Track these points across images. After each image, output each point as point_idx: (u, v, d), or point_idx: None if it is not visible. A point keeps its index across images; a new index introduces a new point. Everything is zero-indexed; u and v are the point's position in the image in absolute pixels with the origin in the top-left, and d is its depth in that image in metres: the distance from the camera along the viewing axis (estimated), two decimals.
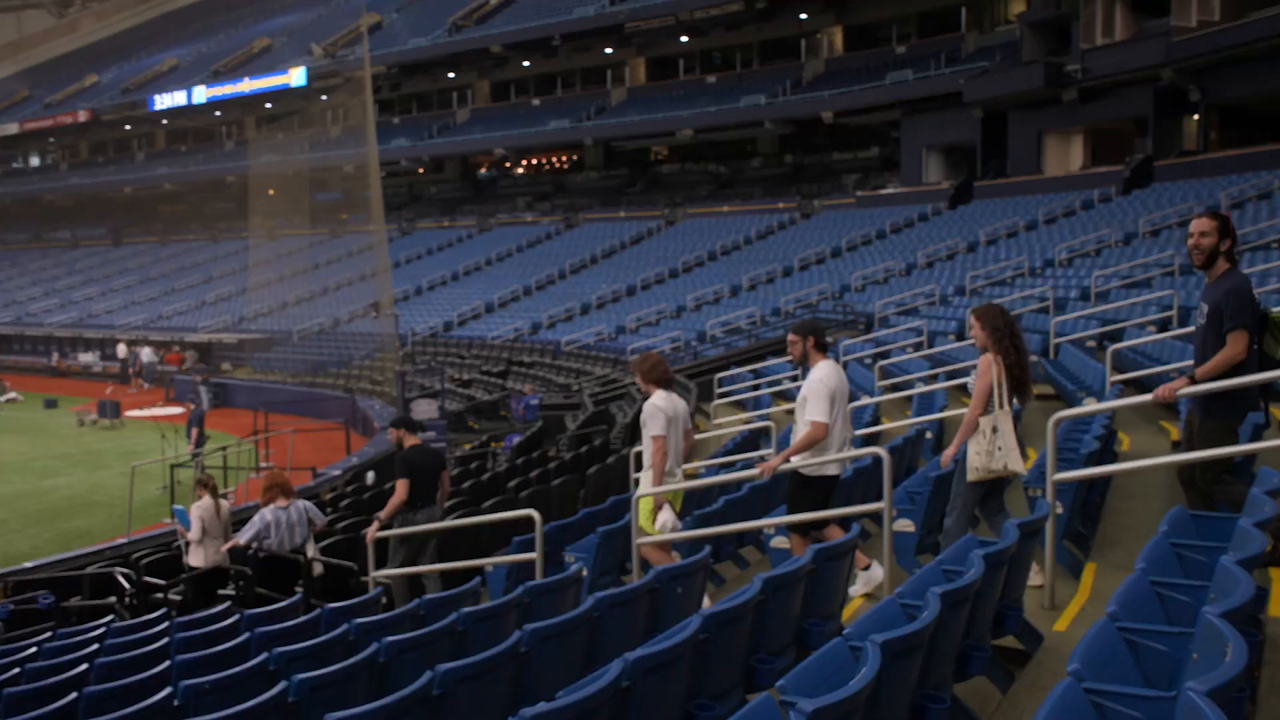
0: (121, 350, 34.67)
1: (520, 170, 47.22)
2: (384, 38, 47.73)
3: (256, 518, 8.28)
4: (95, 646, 6.32)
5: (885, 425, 10.89)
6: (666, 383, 6.32)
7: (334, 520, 10.72)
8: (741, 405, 15.52)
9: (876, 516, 5.45)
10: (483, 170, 48.45)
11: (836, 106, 32.48)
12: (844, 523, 5.65)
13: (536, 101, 43.97)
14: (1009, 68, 27.95)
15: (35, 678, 5.77)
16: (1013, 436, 5.10)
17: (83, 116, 55.12)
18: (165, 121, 55.20)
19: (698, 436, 13.27)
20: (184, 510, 9.34)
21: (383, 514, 8.03)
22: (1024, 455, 5.34)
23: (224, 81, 51.38)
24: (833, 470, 5.73)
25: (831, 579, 4.39)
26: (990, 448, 5.07)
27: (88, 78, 60.54)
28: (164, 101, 52.44)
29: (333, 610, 6.05)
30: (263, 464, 19.87)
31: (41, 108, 58.84)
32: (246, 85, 49.73)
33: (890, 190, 32.14)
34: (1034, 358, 12.85)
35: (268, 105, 51.10)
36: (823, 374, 5.71)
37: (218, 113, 52.73)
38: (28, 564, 11.64)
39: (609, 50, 40.87)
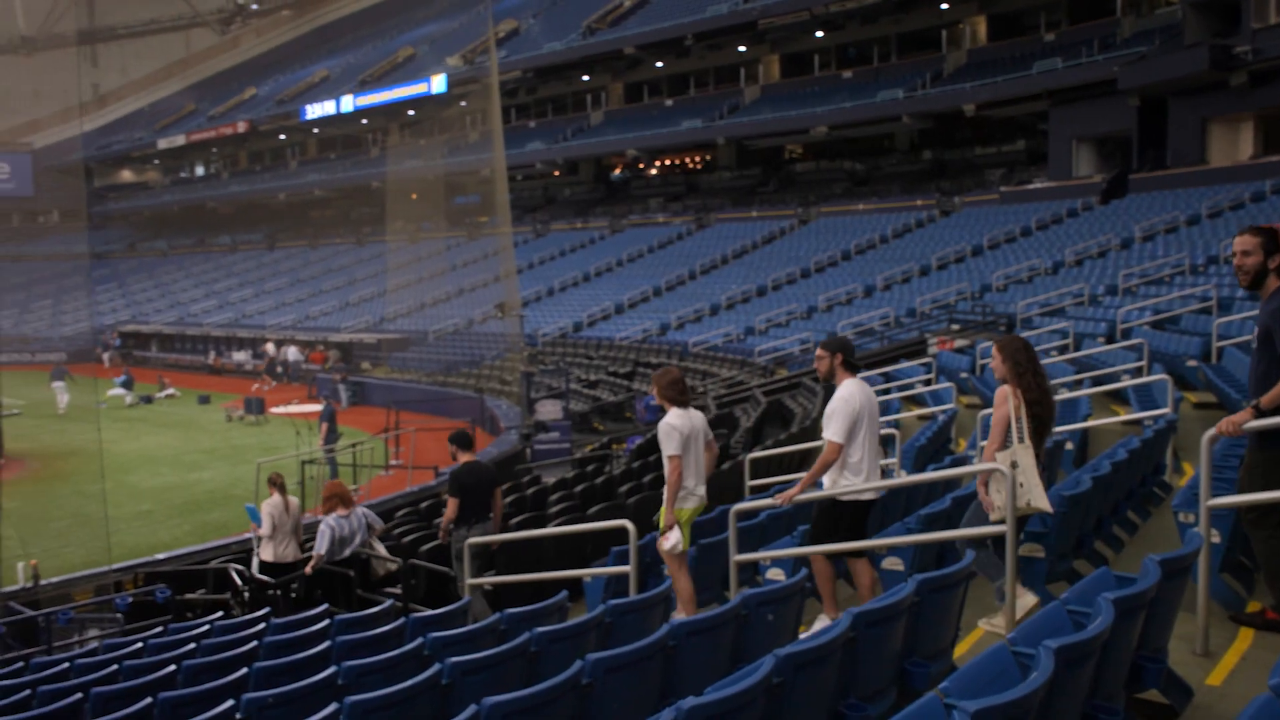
0: (270, 349, 36.21)
1: (653, 171, 47.15)
2: (521, 43, 48.51)
3: (323, 526, 8.62)
4: (191, 646, 6.32)
5: None
6: (683, 400, 6.18)
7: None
8: None
9: (998, 539, 4.85)
10: (616, 172, 48.64)
11: (979, 99, 31.05)
12: (942, 552, 5.09)
13: (669, 102, 43.80)
14: (1169, 51, 26.07)
15: (133, 675, 5.83)
16: (1035, 472, 4.74)
17: (242, 127, 58.07)
18: (316, 130, 57.61)
19: (822, 443, 12.73)
20: (255, 508, 9.67)
21: (440, 533, 8.14)
22: (1048, 490, 4.89)
23: (370, 90, 53.18)
24: (868, 496, 5.50)
25: (939, 612, 3.88)
26: (1014, 486, 4.72)
27: (247, 90, 63.81)
28: (314, 111, 54.69)
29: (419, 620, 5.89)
30: (392, 461, 20.30)
31: (205, 120, 62.34)
32: (390, 94, 51.30)
33: (1037, 185, 30.51)
34: (1192, 363, 11.81)
35: (410, 112, 52.61)
36: (847, 393, 5.50)
37: (364, 121, 54.69)
38: (160, 555, 12.05)
39: (742, 48, 40.35)
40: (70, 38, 68.00)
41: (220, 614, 8.39)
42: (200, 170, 66.98)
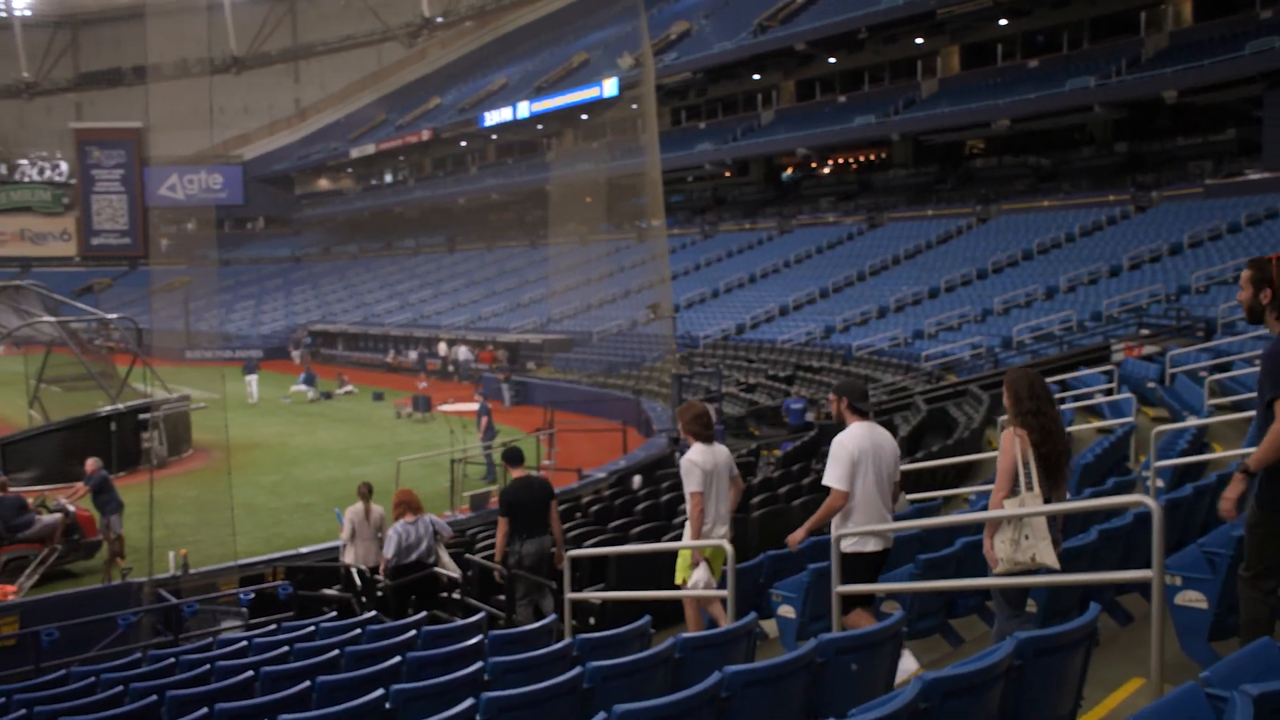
0: (442, 348, 37.33)
1: (825, 170, 45.96)
2: (692, 44, 48.32)
3: (391, 532, 8.95)
4: (283, 649, 6.22)
5: (1214, 454, 8.89)
6: (707, 436, 6.13)
7: (574, 527, 10.39)
8: None
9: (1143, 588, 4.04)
10: (787, 172, 47.70)
11: (1182, 84, 28.45)
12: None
13: (842, 98, 42.53)
14: None
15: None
16: (1043, 523, 4.40)
17: (426, 135, 60.47)
18: (494, 136, 59.32)
19: (981, 456, 11.73)
20: (342, 512, 9.85)
21: (496, 553, 8.11)
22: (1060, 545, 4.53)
23: (545, 96, 54.25)
24: (873, 546, 5.30)
25: (1051, 677, 3.17)
26: (1016, 536, 4.40)
27: (432, 100, 66.46)
28: (493, 118, 56.29)
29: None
30: (545, 461, 20.34)
31: (394, 129, 65.30)
32: (564, 99, 52.16)
33: (1251, 176, 27.67)
34: None
35: (584, 116, 53.33)
36: (847, 436, 5.34)
37: (539, 126, 55.88)
38: (303, 549, 12.32)
39: (919, 40, 38.68)
40: (275, 56, 72.79)
41: (334, 613, 8.37)
42: (389, 177, 70.20)
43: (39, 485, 17.90)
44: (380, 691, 4.29)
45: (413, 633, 6.09)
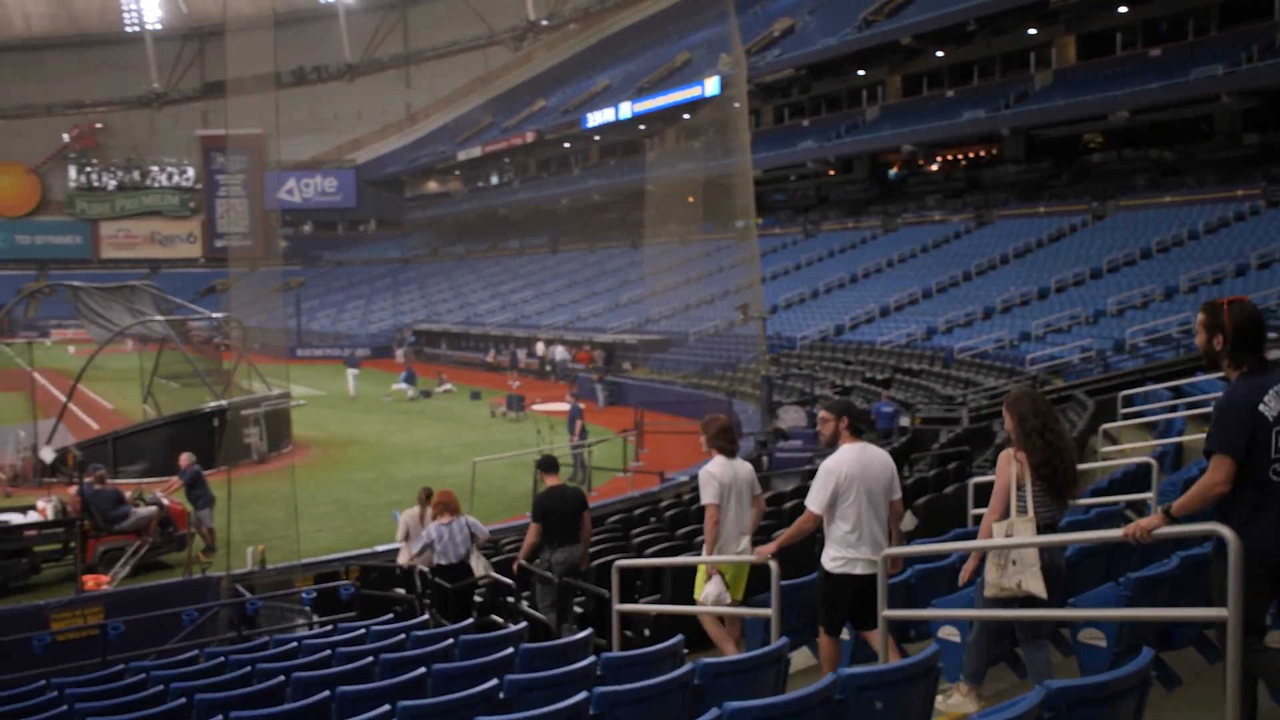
0: (540, 348, 37.58)
1: (933, 167, 44.62)
2: (795, 40, 47.56)
3: (424, 532, 9.15)
4: (326, 653, 6.12)
5: None
6: (730, 450, 6.17)
7: (645, 532, 10.13)
8: (1151, 428, 12.76)
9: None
10: (893, 170, 46.52)
11: None
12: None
13: (950, 93, 41.17)
14: None
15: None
16: (1032, 550, 4.26)
17: (530, 137, 61.15)
18: (597, 137, 59.57)
19: (1085, 466, 11.01)
20: (399, 514, 9.89)
21: (519, 557, 8.27)
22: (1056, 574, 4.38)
23: (647, 96, 54.20)
24: (859, 570, 5.15)
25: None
26: (1003, 560, 4.32)
27: (537, 102, 67.17)
28: (595, 119, 56.52)
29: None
30: (632, 462, 20.15)
31: (499, 132, 66.25)
32: (665, 98, 52.00)
33: None
34: None
35: (685, 116, 53.05)
36: (834, 459, 5.28)
37: (641, 126, 55.84)
38: (379, 548, 12.37)
39: (1032, 31, 37.13)
40: (387, 62, 74.69)
41: (390, 615, 8.30)
42: (494, 179, 71.26)
43: (146, 478, 18.55)
44: (494, 681, 4.37)
45: (449, 641, 5.92)
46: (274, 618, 9.84)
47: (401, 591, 10.29)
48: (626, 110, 54.36)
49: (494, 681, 4.39)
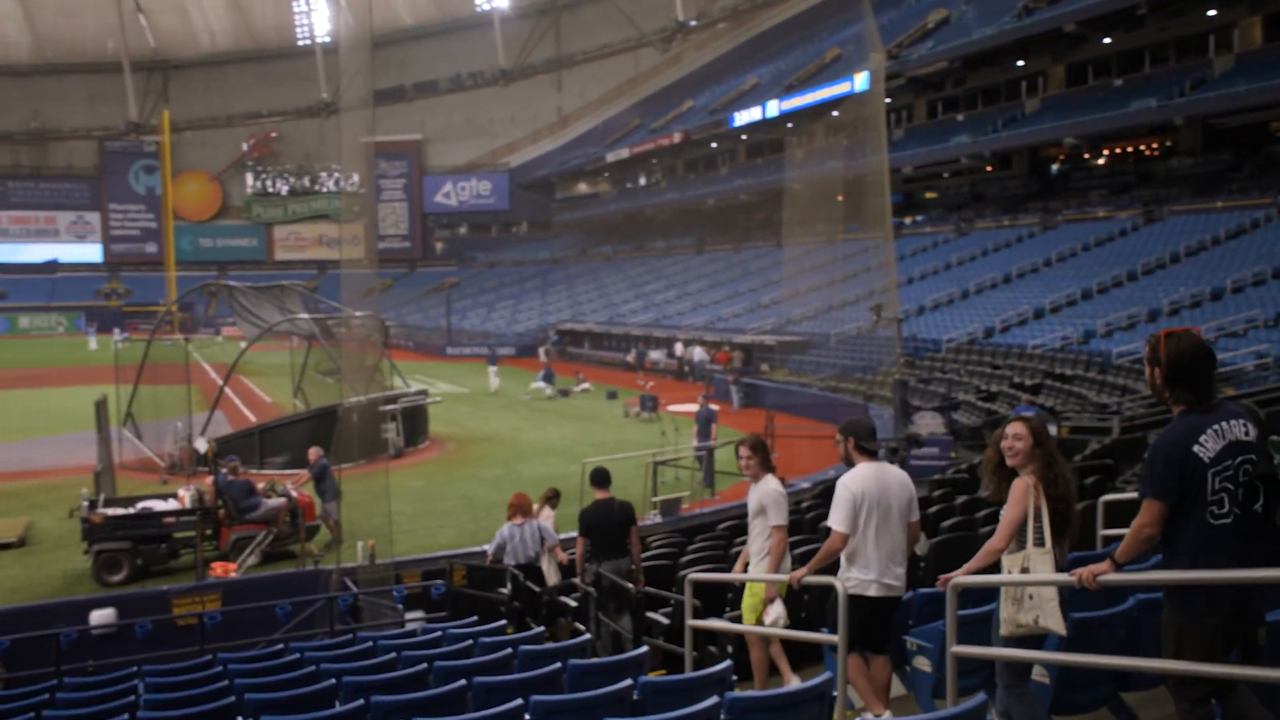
0: (678, 349, 37.37)
1: (1099, 161, 42.05)
2: (951, 31, 45.75)
3: (498, 533, 9.49)
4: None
5: None
6: (772, 466, 6.24)
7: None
8: None
9: None
10: (1055, 165, 44.11)
11: None
12: None
13: (1118, 82, 38.66)
14: None
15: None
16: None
17: (677, 138, 61.10)
18: (744, 137, 59.01)
19: None
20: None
21: (578, 570, 8.29)
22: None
23: (795, 94, 53.27)
24: (874, 592, 5.02)
25: None
26: (1019, 594, 4.15)
27: (685, 103, 67.12)
28: (742, 118, 55.97)
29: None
30: None
31: (647, 133, 66.52)
32: (813, 95, 50.97)
33: None
34: None
35: (834, 113, 51.84)
36: (850, 477, 5.19)
37: (789, 125, 54.93)
38: (483, 547, 12.33)
39: (1211, 12, 34.45)
40: (539, 67, 76.19)
41: (474, 617, 8.17)
42: (642, 180, 71.62)
43: (288, 470, 19.28)
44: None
45: (508, 651, 5.68)
46: (376, 613, 9.90)
47: (505, 591, 10.22)
48: (774, 109, 53.60)
49: (517, 702, 4.12)
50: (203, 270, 76.19)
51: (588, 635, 6.67)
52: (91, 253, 79.59)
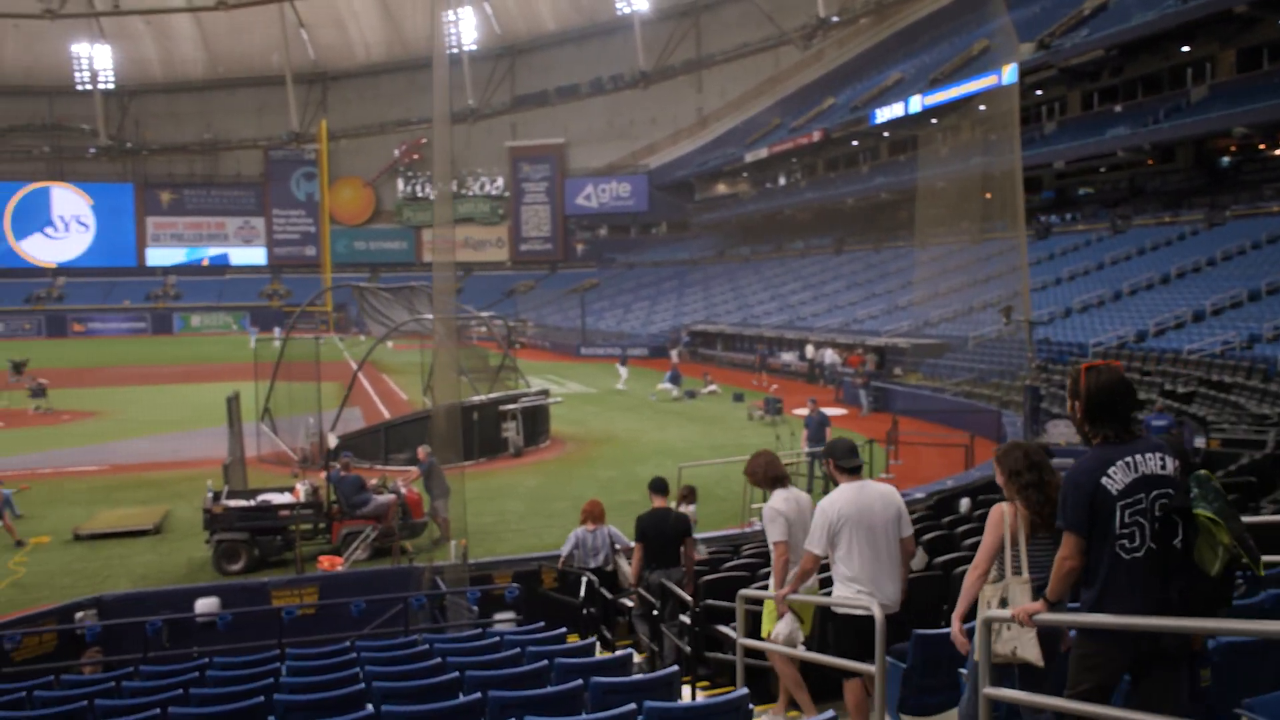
0: (809, 351, 36.57)
1: (1277, 152, 38.89)
2: (1108, 18, 43.25)
3: (570, 536, 9.70)
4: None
5: None
6: (782, 481, 6.10)
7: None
8: None
9: None
10: (1225, 156, 41.07)
11: None
12: None
13: None
14: None
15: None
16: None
17: (816, 136, 60.02)
18: (886, 134, 57.43)
19: None
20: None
21: (632, 577, 8.35)
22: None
23: (939, 88, 51.49)
24: (860, 610, 4.99)
25: None
26: (997, 625, 4.06)
27: (826, 100, 65.86)
28: (883, 115, 54.53)
29: None
30: (883, 474, 18.91)
31: (787, 132, 65.60)
32: (958, 89, 49.14)
33: None
34: None
35: (981, 107, 49.84)
36: (828, 499, 5.24)
37: (933, 120, 53.12)
38: (547, 554, 12.20)
39: None
40: (679, 68, 76.22)
41: (541, 622, 8.01)
42: (782, 180, 70.68)
43: (411, 466, 19.72)
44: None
45: (544, 663, 5.48)
46: (459, 613, 9.89)
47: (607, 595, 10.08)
48: (916, 104, 51.97)
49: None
50: (356, 272, 79.57)
51: (629, 650, 6.40)
52: (257, 255, 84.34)
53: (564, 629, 7.32)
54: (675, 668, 5.31)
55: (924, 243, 49.80)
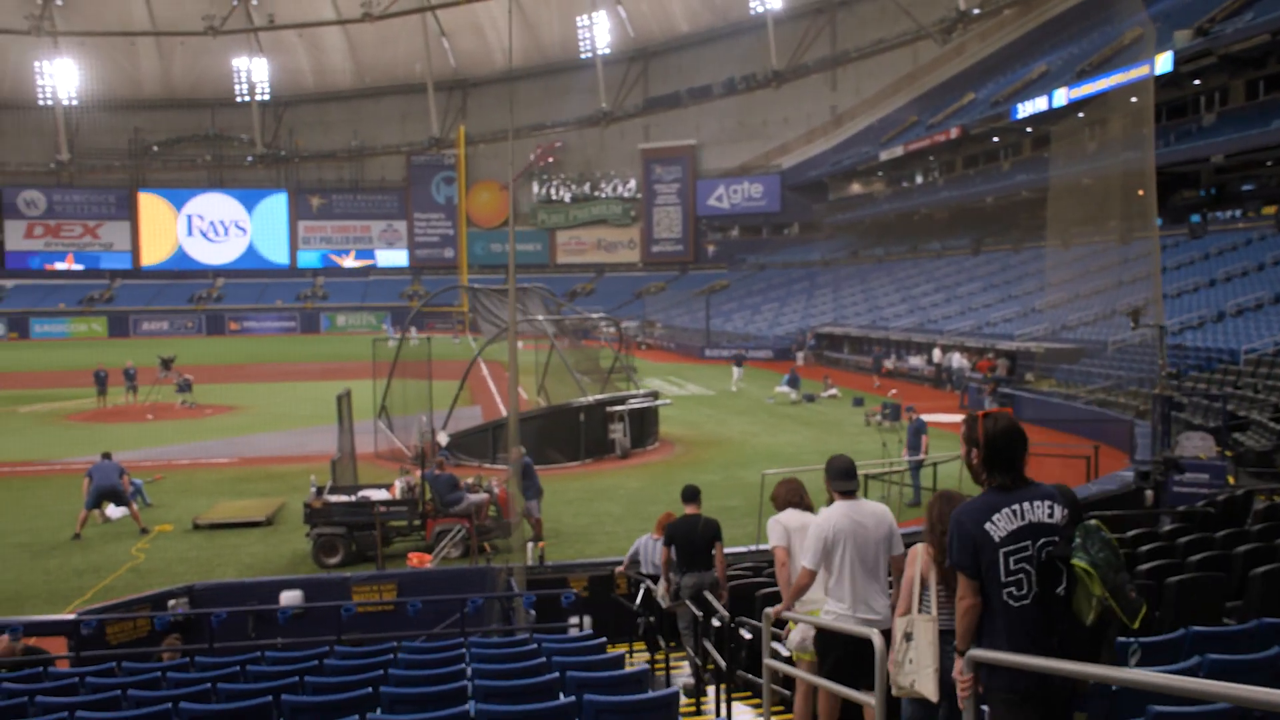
0: (936, 354, 35.27)
1: None
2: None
3: (636, 542, 9.97)
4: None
5: None
6: (805, 505, 6.37)
7: None
8: None
9: None
10: None
11: None
12: None
13: None
14: None
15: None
16: (930, 650, 4.13)
17: (954, 133, 58.00)
18: (1029, 129, 55.04)
19: None
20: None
21: (663, 581, 8.52)
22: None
23: (1085, 80, 48.99)
24: (849, 626, 5.09)
25: None
26: (901, 657, 4.26)
27: (966, 96, 63.58)
28: (1026, 109, 52.25)
29: None
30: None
31: (924, 129, 63.63)
32: (1106, 81, 46.61)
33: None
34: None
35: (1132, 99, 47.09)
36: (822, 517, 5.40)
37: (1079, 114, 50.55)
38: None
39: None
40: (813, 66, 75.01)
41: (589, 630, 7.83)
42: (918, 179, 68.68)
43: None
44: None
45: (556, 675, 5.30)
46: (521, 617, 9.83)
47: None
48: (1061, 98, 49.57)
49: None
50: (492, 274, 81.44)
51: (645, 665, 6.16)
52: (399, 258, 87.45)
53: (604, 639, 7.12)
54: (675, 689, 5.03)
55: (1067, 242, 47.43)
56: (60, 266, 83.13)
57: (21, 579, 13.89)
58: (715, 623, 6.85)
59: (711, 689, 6.98)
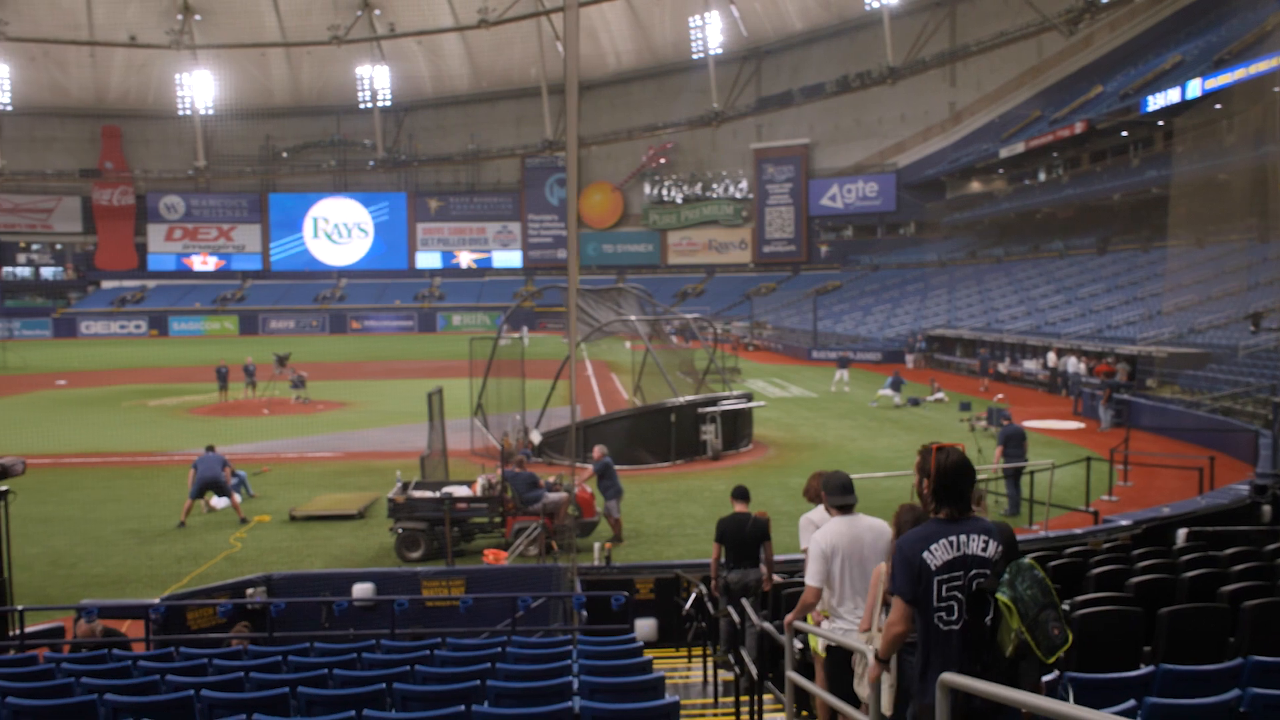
0: (1051, 358, 33.85)
1: None
2: None
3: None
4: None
5: None
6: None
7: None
8: None
9: None
10: None
11: None
12: None
13: None
14: None
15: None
16: (892, 667, 4.29)
17: (1079, 128, 55.64)
18: (1160, 123, 52.39)
19: None
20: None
21: (712, 577, 8.67)
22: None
23: (1223, 70, 46.31)
24: (854, 641, 4.98)
25: None
26: (861, 671, 4.69)
27: (1094, 89, 60.95)
28: (1156, 102, 49.75)
29: None
30: (1105, 496, 17.15)
31: (1047, 125, 61.23)
32: (1243, 71, 43.96)
33: None
34: None
35: (1276, 89, 44.33)
36: (820, 532, 5.45)
37: (1217, 105, 47.81)
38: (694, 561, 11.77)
39: None
40: (931, 62, 73.09)
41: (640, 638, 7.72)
42: (1041, 176, 66.14)
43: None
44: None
45: (567, 679, 5.21)
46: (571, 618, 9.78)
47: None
48: (1195, 88, 46.97)
49: None
50: (603, 274, 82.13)
51: (662, 673, 5.98)
52: (513, 259, 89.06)
53: (640, 643, 7.00)
54: (675, 699, 4.88)
55: (1201, 240, 44.96)
56: (197, 266, 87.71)
57: (127, 563, 14.61)
58: (749, 627, 6.70)
59: (747, 696, 6.79)
